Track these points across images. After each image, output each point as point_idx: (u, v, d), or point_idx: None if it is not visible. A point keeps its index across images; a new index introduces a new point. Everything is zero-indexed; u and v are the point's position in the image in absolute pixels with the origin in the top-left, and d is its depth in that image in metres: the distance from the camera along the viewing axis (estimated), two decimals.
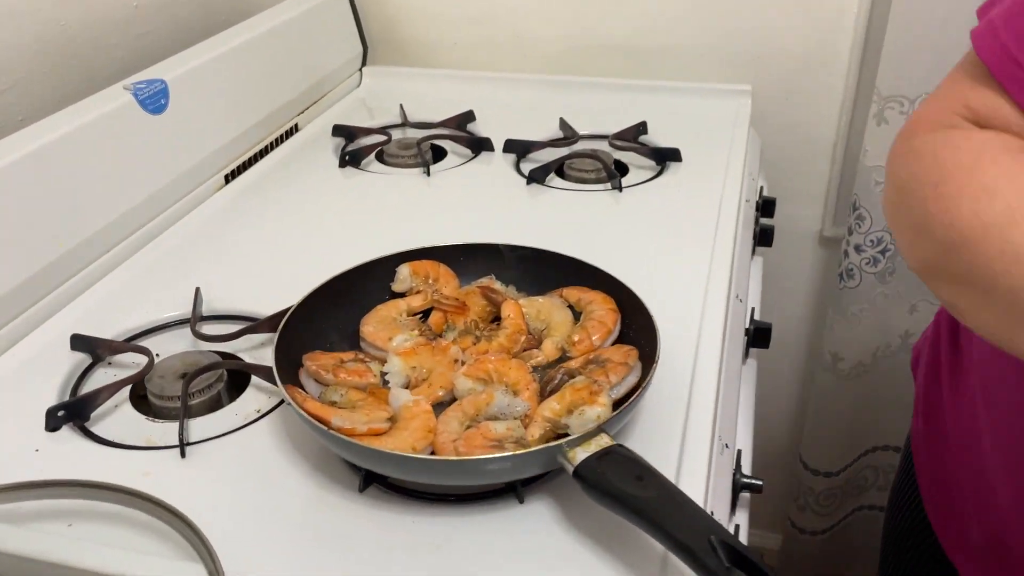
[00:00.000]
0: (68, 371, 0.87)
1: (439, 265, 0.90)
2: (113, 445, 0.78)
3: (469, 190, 1.22)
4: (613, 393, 0.74)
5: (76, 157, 0.98)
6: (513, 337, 0.82)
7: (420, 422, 0.71)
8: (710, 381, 0.83)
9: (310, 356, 0.78)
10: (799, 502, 1.71)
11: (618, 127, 1.35)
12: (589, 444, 0.65)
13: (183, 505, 0.69)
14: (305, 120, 1.42)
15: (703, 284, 0.98)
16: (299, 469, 0.74)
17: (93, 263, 1.00)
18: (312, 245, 1.08)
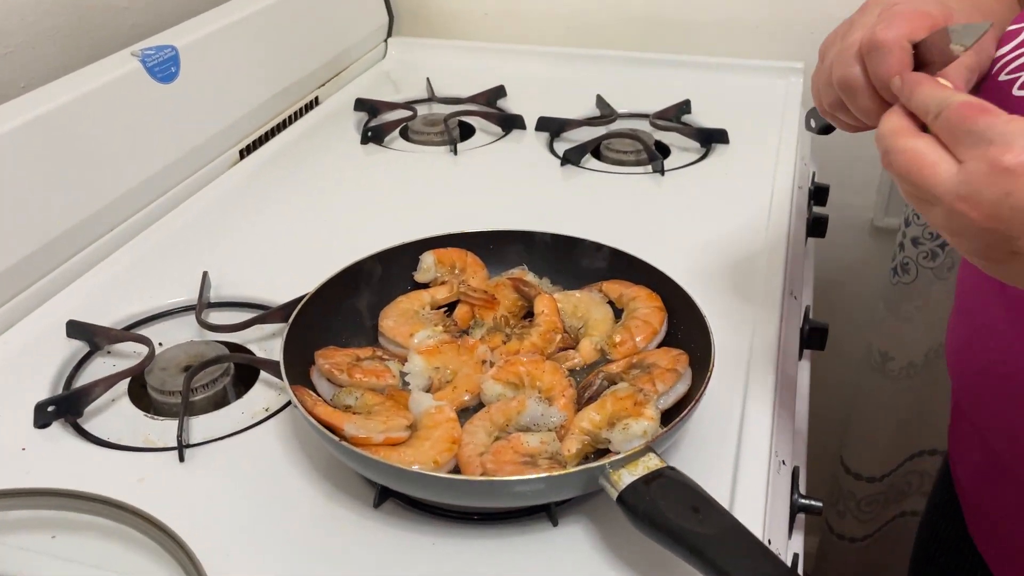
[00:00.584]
0: (63, 360, 0.80)
1: (466, 253, 0.82)
2: (106, 445, 0.71)
3: (498, 171, 1.14)
4: (660, 404, 0.66)
5: (78, 128, 0.90)
6: (547, 336, 0.74)
7: (443, 432, 0.64)
8: (766, 390, 0.74)
9: (323, 353, 0.71)
10: (838, 507, 1.63)
11: (660, 105, 1.26)
12: (636, 465, 0.57)
13: (178, 517, 0.62)
14: (326, 93, 1.34)
15: (755, 279, 0.89)
16: (308, 478, 0.66)
17: (94, 243, 0.92)
18: (330, 227, 1.00)
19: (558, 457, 0.62)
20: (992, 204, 0.46)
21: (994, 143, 0.46)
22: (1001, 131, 0.46)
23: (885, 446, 1.55)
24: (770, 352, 0.79)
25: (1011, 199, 0.46)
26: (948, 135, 0.49)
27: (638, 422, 0.62)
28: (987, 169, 0.46)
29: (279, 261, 0.94)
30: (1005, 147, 0.45)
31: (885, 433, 1.53)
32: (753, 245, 0.95)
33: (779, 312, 0.84)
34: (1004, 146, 0.45)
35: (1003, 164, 0.45)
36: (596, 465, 0.57)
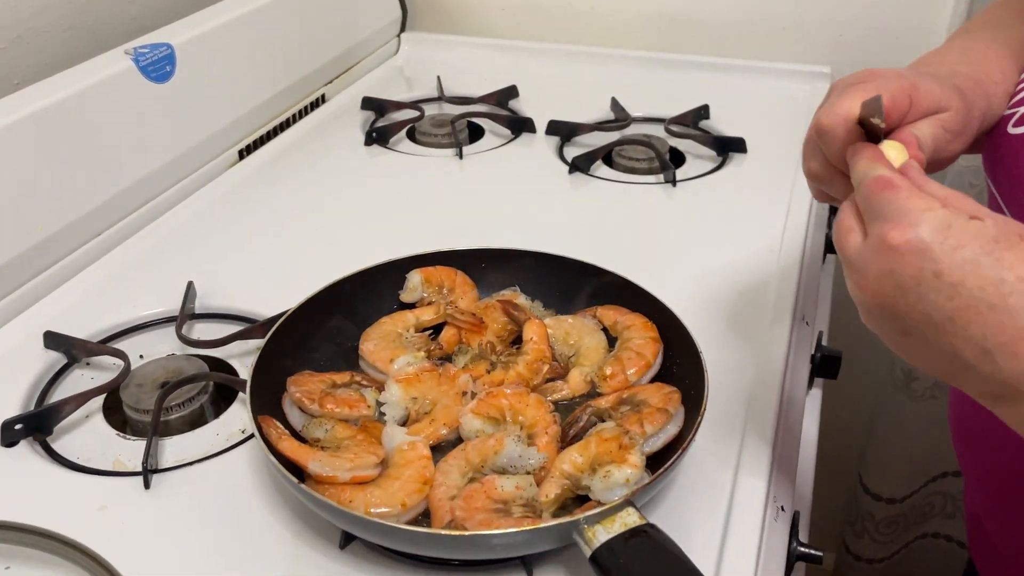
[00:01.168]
0: (39, 373, 0.78)
1: (456, 273, 0.78)
2: (73, 468, 0.69)
3: (503, 177, 1.10)
4: (647, 447, 0.62)
5: (63, 129, 0.88)
6: (534, 366, 0.70)
7: (415, 471, 0.60)
8: (766, 430, 0.70)
9: (296, 379, 0.67)
10: (856, 527, 1.57)
11: (677, 110, 1.21)
12: (613, 521, 0.53)
13: (133, 553, 0.60)
14: (333, 91, 1.30)
15: (764, 305, 0.84)
16: (276, 512, 0.63)
17: (79, 249, 0.90)
18: (325, 236, 0.97)
19: (533, 504, 0.58)
20: (876, 280, 0.47)
21: (888, 219, 0.46)
22: (896, 207, 0.46)
23: (907, 467, 1.49)
24: (774, 387, 0.74)
25: (893, 277, 0.46)
26: (862, 207, 0.49)
27: (621, 470, 0.58)
28: (876, 244, 0.46)
29: (270, 271, 0.91)
30: (893, 224, 0.46)
31: (907, 454, 1.47)
32: (764, 267, 0.90)
33: (787, 342, 0.79)
34: (893, 223, 0.46)
35: (888, 241, 0.45)
36: (569, 520, 0.53)
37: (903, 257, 0.45)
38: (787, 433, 0.73)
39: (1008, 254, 0.44)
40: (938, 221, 0.45)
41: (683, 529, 0.61)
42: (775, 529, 0.66)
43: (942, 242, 0.44)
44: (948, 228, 0.45)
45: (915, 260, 0.45)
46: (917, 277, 0.45)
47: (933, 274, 0.45)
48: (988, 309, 0.44)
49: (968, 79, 0.62)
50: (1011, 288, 0.43)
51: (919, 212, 0.45)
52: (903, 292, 0.46)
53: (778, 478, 0.68)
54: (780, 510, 0.68)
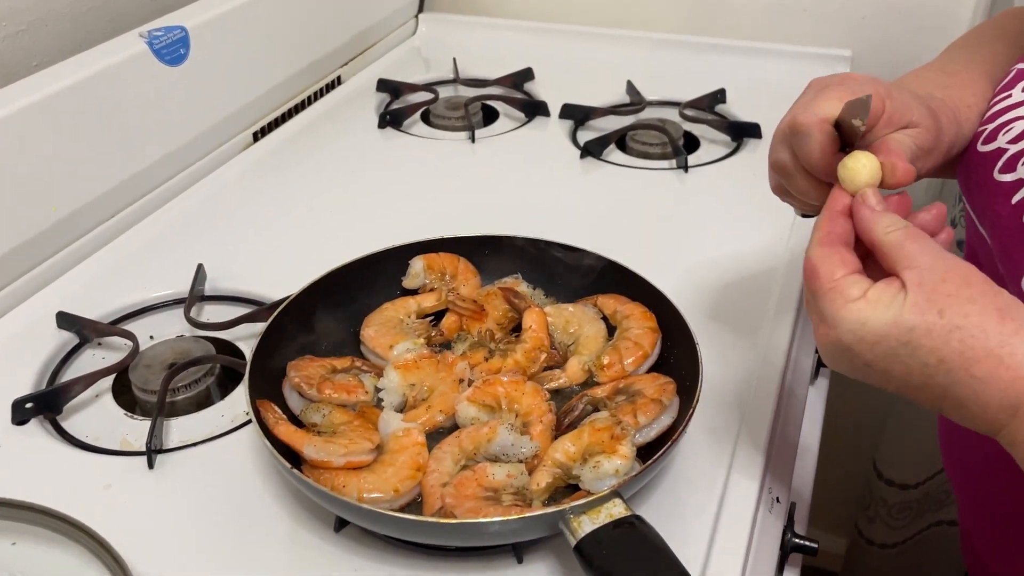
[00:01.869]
0: (51, 352, 0.80)
1: (458, 259, 0.78)
2: (81, 446, 0.71)
3: (515, 161, 1.09)
4: (640, 437, 0.62)
5: (79, 112, 0.89)
6: (532, 354, 0.70)
7: (408, 457, 0.61)
8: (764, 419, 0.69)
9: (296, 364, 0.68)
10: (869, 512, 1.56)
11: (693, 94, 1.20)
12: (598, 512, 0.53)
13: (133, 530, 0.61)
14: (350, 72, 1.31)
15: (770, 295, 0.84)
16: (275, 494, 0.65)
17: (95, 230, 0.91)
18: (336, 219, 0.98)
19: (524, 492, 0.59)
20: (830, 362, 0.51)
21: (815, 313, 0.51)
22: (818, 304, 0.50)
23: (921, 453, 1.48)
24: (774, 377, 0.74)
25: (837, 364, 0.51)
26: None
27: (610, 460, 0.58)
28: (817, 337, 0.51)
29: (280, 254, 0.92)
30: (818, 320, 0.50)
31: (922, 440, 1.45)
32: (772, 256, 0.89)
33: (790, 332, 0.79)
34: (818, 318, 0.50)
35: (820, 336, 0.50)
36: (555, 510, 0.53)
37: (833, 353, 0.50)
38: (787, 424, 0.73)
39: (924, 340, 0.46)
40: (851, 321, 0.48)
41: (674, 520, 0.61)
42: (768, 520, 0.66)
43: (859, 341, 0.48)
44: (863, 326, 0.48)
45: (845, 356, 0.49)
46: (852, 366, 0.50)
47: (864, 364, 0.49)
48: (920, 387, 0.48)
49: (943, 104, 0.62)
50: (934, 370, 0.47)
51: (836, 311, 0.48)
52: (851, 372, 0.51)
53: (774, 469, 0.68)
54: (775, 501, 0.68)
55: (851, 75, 0.58)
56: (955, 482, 0.79)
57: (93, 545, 0.57)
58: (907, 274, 0.48)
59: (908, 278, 0.48)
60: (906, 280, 0.48)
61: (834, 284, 0.49)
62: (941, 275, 0.47)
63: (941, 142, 0.60)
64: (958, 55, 0.73)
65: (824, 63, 1.26)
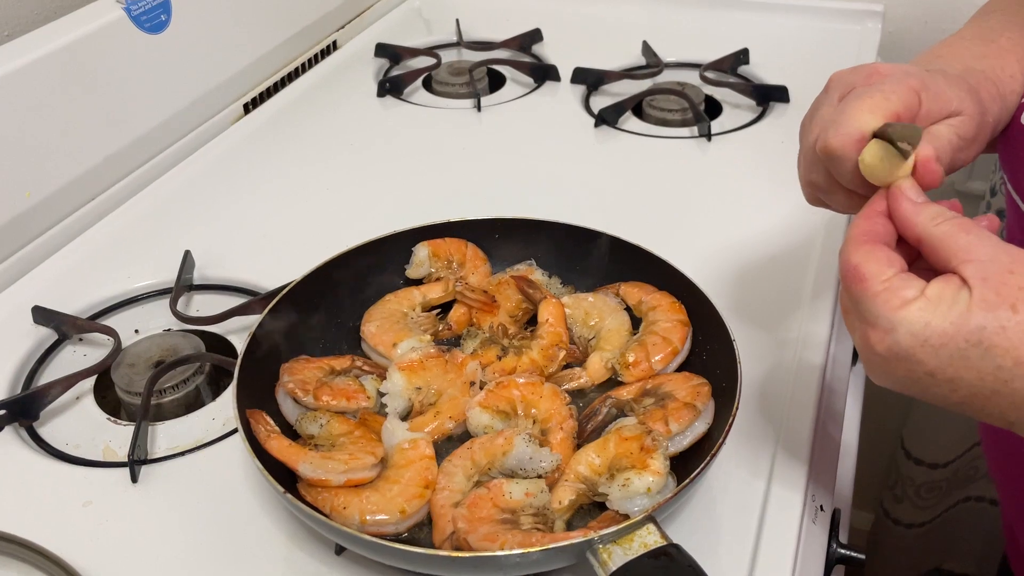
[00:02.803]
0: (27, 351, 0.74)
1: (466, 245, 0.72)
2: (60, 456, 0.65)
3: (525, 132, 1.02)
4: (672, 446, 0.56)
5: (50, 87, 0.82)
6: (549, 352, 0.64)
7: (415, 473, 0.55)
8: (804, 423, 0.63)
9: (291, 367, 0.62)
10: (896, 491, 1.51)
11: (714, 55, 1.12)
12: (631, 540, 0.47)
13: (117, 554, 0.56)
14: (346, 36, 1.23)
15: (805, 277, 0.77)
16: (270, 512, 0.59)
17: (68, 217, 0.85)
18: (334, 199, 0.91)
19: (545, 513, 0.53)
20: (879, 375, 0.46)
21: (865, 321, 0.44)
22: (868, 308, 0.44)
23: (951, 431, 1.42)
24: (814, 373, 0.67)
25: (890, 377, 0.45)
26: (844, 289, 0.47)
27: (641, 477, 0.52)
28: (864, 345, 0.45)
29: (274, 238, 0.85)
30: (871, 327, 0.44)
31: (952, 418, 1.39)
32: (806, 233, 0.82)
33: (829, 320, 0.72)
34: (871, 326, 0.44)
35: (872, 346, 0.44)
36: (582, 540, 0.47)
37: (889, 363, 0.44)
38: (828, 422, 0.66)
39: (998, 339, 0.41)
40: (912, 323, 0.42)
41: (710, 539, 0.55)
42: (813, 532, 0.60)
43: (923, 344, 0.42)
44: (926, 327, 0.42)
45: (903, 365, 0.43)
46: (911, 377, 0.43)
47: (926, 374, 0.43)
48: (993, 395, 0.42)
49: (983, 78, 0.56)
50: (1009, 374, 0.41)
51: (891, 313, 0.43)
52: (907, 386, 0.45)
53: (817, 475, 0.62)
54: (819, 510, 0.62)
55: (877, 69, 0.51)
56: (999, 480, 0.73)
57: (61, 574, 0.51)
58: (966, 268, 0.42)
59: (969, 273, 0.42)
60: (966, 275, 0.42)
61: (885, 285, 0.43)
62: (1007, 267, 0.42)
63: (985, 125, 0.54)
64: (994, 19, 0.66)
65: (854, 19, 1.18)
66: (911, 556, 1.58)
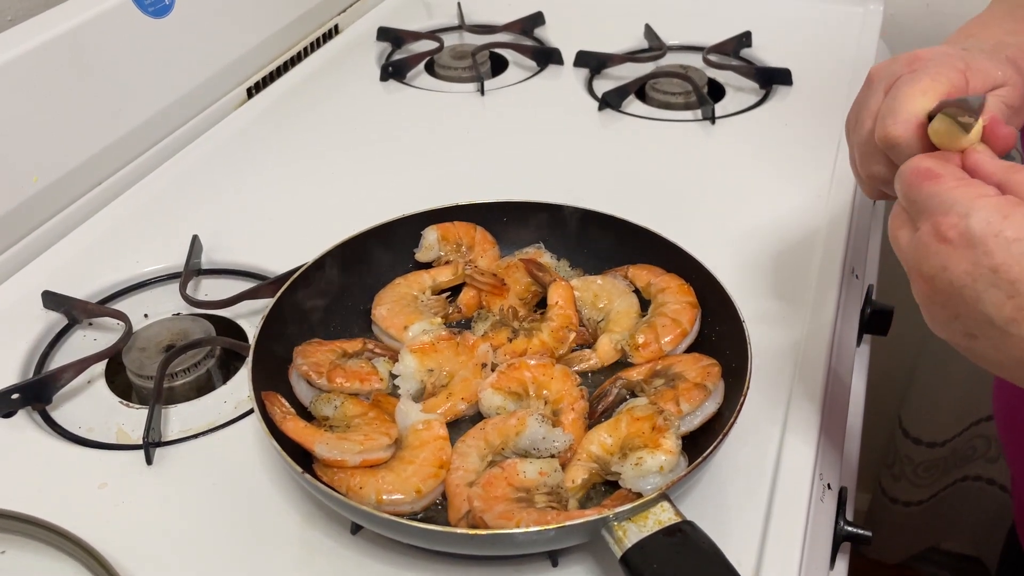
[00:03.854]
0: (38, 336, 0.74)
1: (475, 229, 0.72)
2: (73, 439, 0.65)
3: (528, 116, 1.02)
4: (684, 426, 0.57)
5: (57, 71, 0.82)
6: (559, 334, 0.64)
7: (430, 453, 0.55)
8: (813, 402, 0.64)
9: (303, 349, 0.63)
10: (893, 470, 1.52)
11: (717, 37, 1.12)
12: (645, 518, 0.48)
13: (132, 537, 0.57)
14: (347, 20, 1.22)
15: (811, 258, 0.77)
16: (285, 492, 0.59)
17: (76, 202, 0.85)
18: (340, 182, 0.91)
19: (558, 491, 0.53)
20: (931, 278, 0.43)
21: (935, 212, 0.43)
22: (942, 199, 0.42)
23: (950, 410, 1.43)
24: (821, 353, 0.68)
25: (947, 273, 0.42)
26: (904, 201, 0.46)
27: (654, 456, 0.53)
28: (927, 239, 0.43)
29: (281, 222, 0.85)
30: (942, 215, 0.42)
31: (950, 398, 1.41)
32: (811, 215, 0.83)
33: (835, 301, 0.73)
34: (941, 214, 0.42)
35: (939, 233, 0.42)
36: (597, 517, 0.48)
37: (955, 251, 0.41)
38: (834, 401, 0.67)
39: None
40: (991, 211, 0.41)
41: (721, 515, 0.56)
42: (821, 510, 0.61)
43: (997, 234, 0.40)
44: (1004, 219, 0.40)
45: (968, 255, 0.41)
46: (972, 273, 0.41)
47: (989, 269, 0.40)
48: None
49: (1019, 52, 0.55)
50: None
51: (970, 200, 0.41)
52: (959, 290, 0.42)
53: (825, 453, 0.63)
54: (827, 488, 0.63)
55: (918, 55, 0.51)
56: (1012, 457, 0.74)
57: (84, 556, 0.52)
58: None
59: None
60: None
61: (964, 180, 0.43)
62: None
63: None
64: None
65: (857, 1, 1.18)
66: (909, 535, 1.60)
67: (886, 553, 1.63)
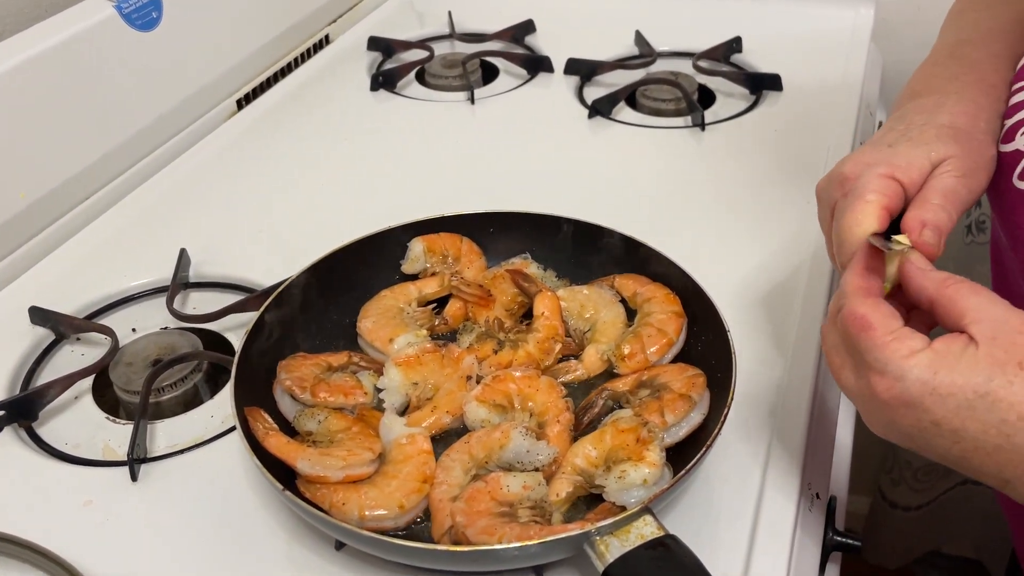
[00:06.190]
0: (25, 351, 0.74)
1: (461, 240, 0.72)
2: (59, 456, 0.65)
3: (518, 124, 1.02)
4: (668, 437, 0.56)
5: (43, 86, 0.82)
6: (545, 345, 0.64)
7: (414, 468, 0.55)
8: (800, 409, 0.64)
9: (287, 364, 0.62)
10: (893, 475, 1.51)
11: (707, 43, 1.12)
12: (627, 532, 0.48)
13: (119, 553, 0.56)
14: (338, 30, 1.22)
15: (802, 265, 0.77)
16: (271, 508, 0.59)
17: (63, 217, 0.85)
18: (329, 194, 0.91)
19: (543, 505, 0.53)
20: (881, 425, 0.47)
21: (872, 368, 0.45)
22: (876, 356, 0.45)
23: None
24: (810, 358, 0.67)
25: (894, 426, 0.45)
26: (845, 339, 0.47)
27: (637, 469, 0.52)
28: (868, 394, 0.46)
29: (269, 234, 0.85)
30: (878, 375, 0.45)
31: None
32: (801, 223, 0.82)
33: (823, 308, 0.72)
34: (878, 373, 0.45)
35: (878, 394, 0.45)
36: (579, 532, 0.47)
37: (896, 411, 0.44)
38: (823, 409, 0.67)
39: (1004, 392, 0.42)
40: (922, 370, 0.43)
41: (707, 527, 0.56)
42: (809, 520, 0.60)
43: (931, 392, 0.43)
44: (935, 375, 0.43)
45: (910, 413, 0.44)
46: (917, 426, 0.44)
47: (931, 423, 0.44)
48: (995, 450, 0.43)
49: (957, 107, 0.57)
50: (1013, 428, 0.42)
51: (901, 361, 0.44)
52: (910, 438, 0.45)
53: (813, 462, 0.63)
54: (815, 497, 0.62)
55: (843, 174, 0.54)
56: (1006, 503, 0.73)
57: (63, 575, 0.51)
58: (976, 327, 0.44)
59: (978, 331, 0.44)
60: (975, 333, 0.44)
61: (895, 335, 0.45)
62: (1016, 328, 0.43)
63: (982, 144, 0.56)
64: (966, 21, 0.67)
65: (847, 5, 1.18)
66: (908, 539, 1.59)
67: (886, 558, 1.63)
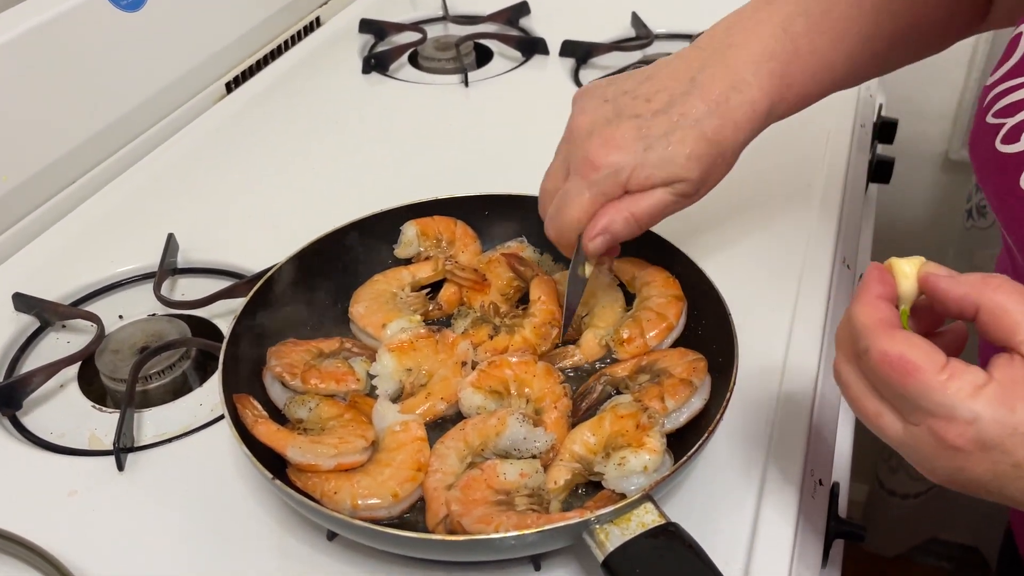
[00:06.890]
0: (9, 339, 0.72)
1: (455, 223, 0.70)
2: (44, 446, 0.64)
3: (513, 107, 1.00)
4: (669, 423, 0.55)
5: (26, 68, 0.80)
6: (542, 330, 0.62)
7: (408, 456, 0.54)
8: (804, 396, 0.62)
9: (278, 350, 0.61)
10: (891, 463, 1.51)
11: (704, 23, 1.09)
12: (628, 520, 0.46)
13: (104, 545, 0.55)
14: (329, 12, 1.20)
15: (800, 250, 0.76)
16: (260, 498, 0.58)
17: (48, 201, 0.83)
18: (320, 178, 0.89)
19: (540, 493, 0.52)
20: (946, 473, 0.42)
21: (933, 415, 0.40)
22: (936, 400, 0.39)
23: None
24: (812, 346, 0.66)
25: (965, 473, 0.41)
26: (878, 384, 0.42)
27: (637, 456, 0.51)
28: (933, 442, 0.40)
29: (259, 219, 0.83)
30: (945, 420, 0.40)
31: None
32: (801, 205, 0.81)
33: (826, 291, 0.71)
34: (943, 419, 0.40)
35: (948, 441, 0.40)
36: (578, 520, 0.46)
37: (971, 456, 0.40)
38: (826, 395, 0.65)
39: None
40: (996, 408, 0.39)
41: (709, 515, 0.55)
42: (812, 507, 0.59)
43: (1012, 434, 0.39)
44: (1012, 413, 0.39)
45: (986, 458, 0.40)
46: (994, 471, 0.40)
47: (1011, 466, 0.40)
48: None
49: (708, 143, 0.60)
50: None
51: (968, 401, 0.39)
52: (981, 485, 0.41)
53: (815, 449, 0.61)
54: (818, 484, 0.61)
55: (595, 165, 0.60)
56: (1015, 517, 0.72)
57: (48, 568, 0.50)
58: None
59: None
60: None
61: (949, 372, 0.40)
62: None
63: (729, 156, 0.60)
64: None
65: None
66: (907, 527, 1.58)
67: (884, 546, 1.62)
